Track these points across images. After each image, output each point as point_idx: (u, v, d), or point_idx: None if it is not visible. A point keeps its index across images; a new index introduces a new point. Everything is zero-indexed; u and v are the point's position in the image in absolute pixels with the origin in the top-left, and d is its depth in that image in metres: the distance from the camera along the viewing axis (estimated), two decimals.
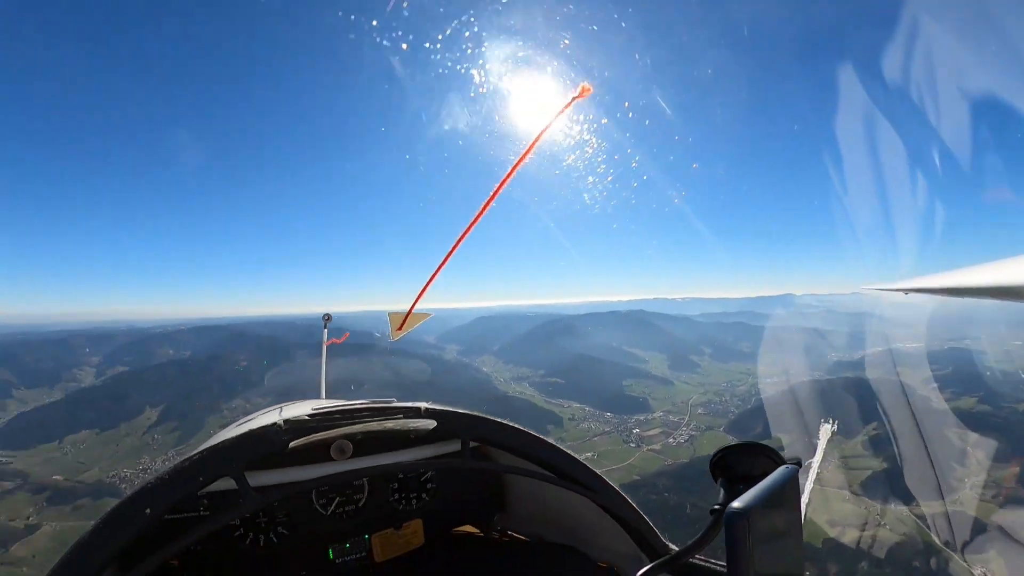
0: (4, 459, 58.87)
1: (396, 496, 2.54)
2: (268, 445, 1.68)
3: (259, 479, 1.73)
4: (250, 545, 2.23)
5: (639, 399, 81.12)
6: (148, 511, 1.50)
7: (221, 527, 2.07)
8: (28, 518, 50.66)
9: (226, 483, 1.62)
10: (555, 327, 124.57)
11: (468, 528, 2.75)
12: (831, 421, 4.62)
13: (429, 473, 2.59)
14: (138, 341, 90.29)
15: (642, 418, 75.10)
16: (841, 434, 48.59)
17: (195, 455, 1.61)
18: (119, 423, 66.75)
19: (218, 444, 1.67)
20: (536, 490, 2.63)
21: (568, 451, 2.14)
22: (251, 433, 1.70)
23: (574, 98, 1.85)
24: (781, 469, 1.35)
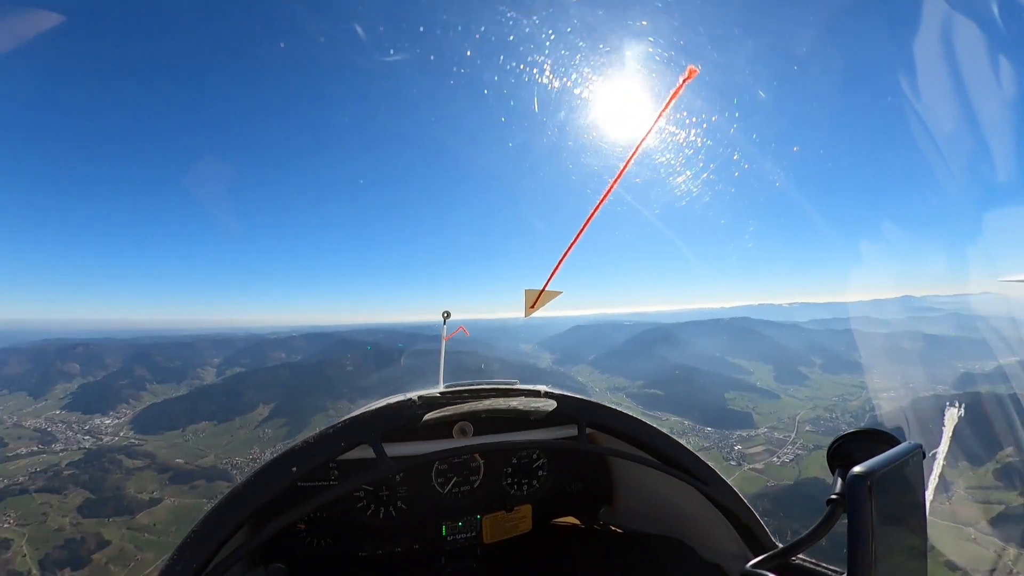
0: (136, 442, 64.36)
1: (509, 480, 2.62)
2: (402, 418, 1.83)
3: (392, 450, 1.79)
4: (371, 516, 2.44)
5: (742, 413, 77.70)
6: (295, 469, 1.64)
7: (349, 494, 2.36)
8: (152, 492, 54.68)
9: (360, 452, 1.78)
10: (654, 336, 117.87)
11: (571, 519, 2.79)
12: (958, 405, 4.34)
13: (541, 461, 2.66)
14: (255, 345, 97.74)
15: (744, 434, 71.91)
16: (968, 460, 42.99)
17: (338, 423, 1.77)
18: (234, 417, 71.78)
19: (359, 415, 1.81)
20: (645, 484, 2.64)
21: (681, 441, 2.14)
22: (388, 406, 1.85)
23: (684, 80, 1.84)
24: (905, 444, 1.28)
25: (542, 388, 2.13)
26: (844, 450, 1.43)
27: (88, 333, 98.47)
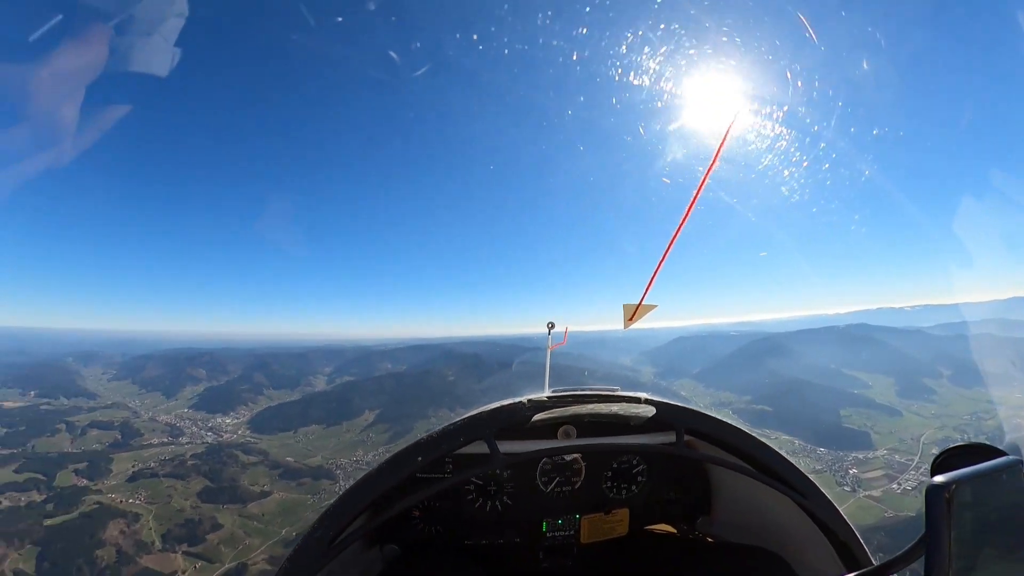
0: (252, 440, 69.82)
1: (608, 484, 2.75)
2: (514, 418, 2.03)
3: (502, 447, 1.99)
4: (478, 509, 2.64)
5: (859, 433, 72.47)
6: (419, 459, 1.88)
7: (461, 486, 2.60)
8: (263, 486, 58.57)
9: (474, 448, 1.99)
10: (762, 347, 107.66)
11: (667, 527, 2.90)
12: None
13: (641, 466, 2.79)
14: (363, 356, 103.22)
15: (861, 456, 66.58)
16: None
17: (457, 421, 2.00)
18: (342, 421, 75.64)
19: (475, 414, 2.03)
20: (743, 495, 2.72)
21: (781, 452, 2.22)
22: (501, 407, 2.05)
23: (730, 127, 2.10)
24: (1002, 458, 1.32)
25: (643, 395, 2.20)
26: (949, 465, 1.36)
27: (214, 343, 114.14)
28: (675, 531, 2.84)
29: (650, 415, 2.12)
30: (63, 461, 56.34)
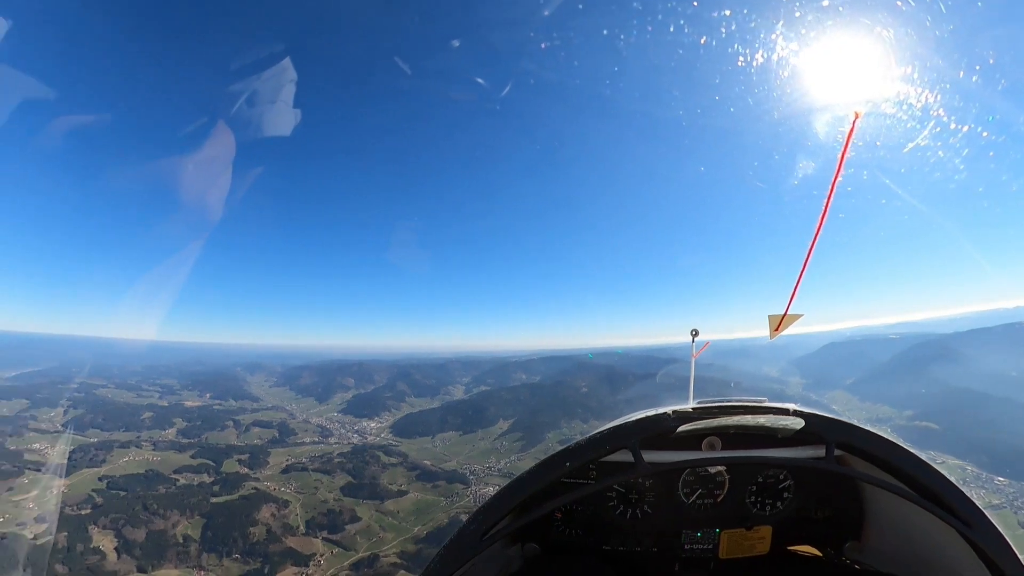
0: (394, 443, 72.84)
1: (752, 499, 2.71)
2: (658, 428, 2.13)
3: (647, 456, 2.06)
4: (619, 515, 2.72)
5: None
6: (568, 464, 2.07)
7: (604, 492, 2.72)
8: (401, 485, 60.54)
9: (619, 456, 2.14)
10: (926, 352, 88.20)
11: (812, 549, 2.78)
12: None
13: (788, 482, 2.72)
14: (499, 367, 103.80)
15: None
16: None
17: (604, 430, 2.15)
18: (477, 429, 76.30)
19: (621, 423, 2.18)
20: (899, 521, 2.53)
21: (947, 474, 2.06)
22: (647, 417, 2.17)
23: (852, 125, 2.18)
24: None
25: (791, 406, 2.12)
26: None
27: (362, 355, 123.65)
28: (820, 554, 2.66)
29: (799, 427, 2.04)
30: (230, 452, 62.77)
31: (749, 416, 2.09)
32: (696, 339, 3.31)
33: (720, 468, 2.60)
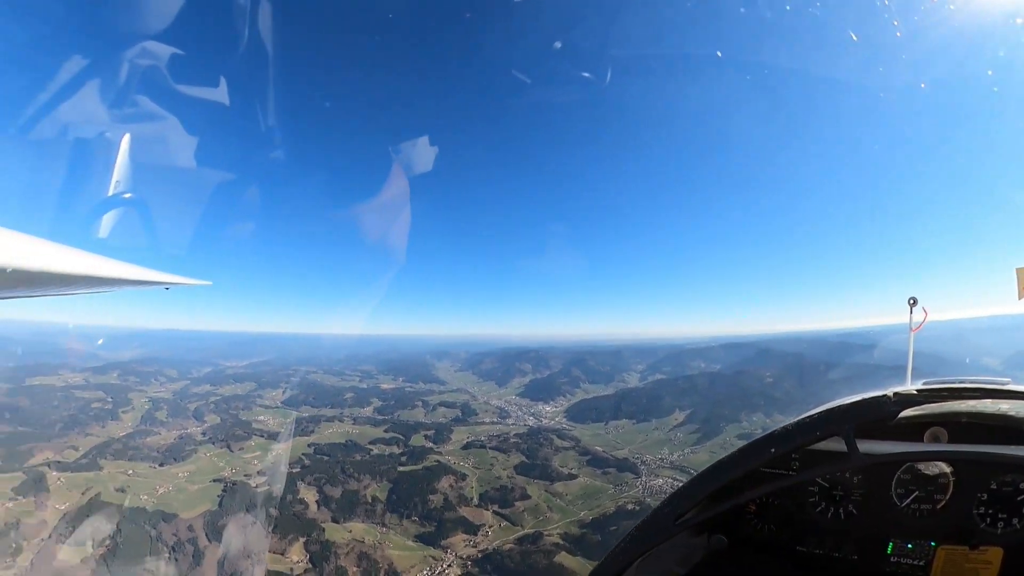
0: (567, 427, 75.18)
1: (982, 510, 2.18)
2: (876, 413, 1.88)
3: (861, 446, 1.84)
4: (819, 513, 2.43)
5: None
6: (773, 450, 1.91)
7: (806, 485, 2.44)
8: (571, 469, 62.56)
9: (828, 444, 1.94)
10: None
11: None
12: None
13: None
14: (675, 355, 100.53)
15: None
16: None
17: (814, 413, 1.96)
18: (651, 418, 74.90)
19: (832, 407, 1.96)
20: None
21: None
22: (863, 400, 1.93)
23: None
24: None
25: None
26: None
27: (539, 343, 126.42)
28: None
29: None
30: (417, 428, 70.71)
31: (988, 401, 1.82)
32: (914, 306, 3.02)
33: (944, 467, 2.19)
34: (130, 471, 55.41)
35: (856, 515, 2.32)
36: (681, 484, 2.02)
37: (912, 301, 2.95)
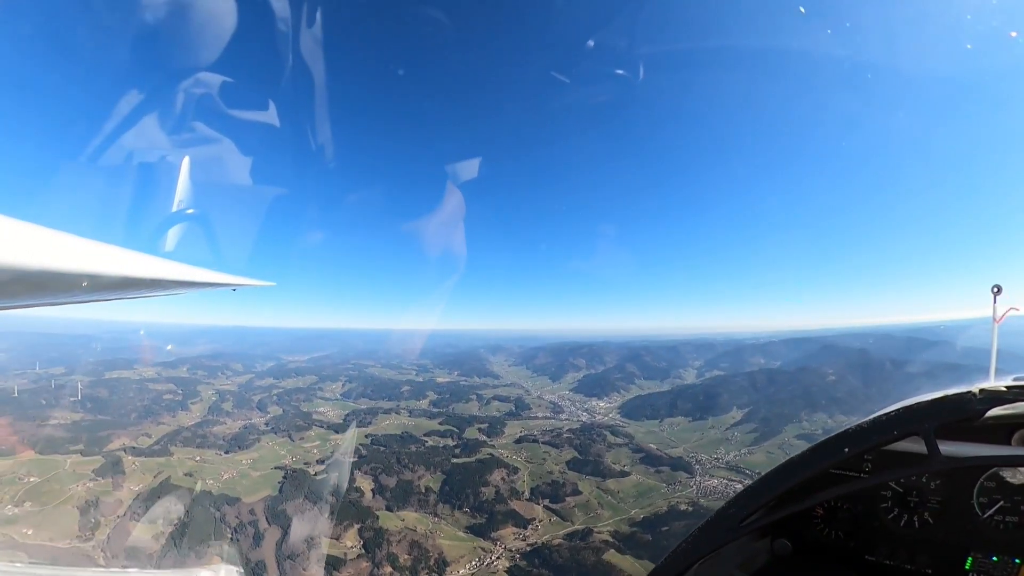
0: (621, 423, 74.31)
1: None
2: (960, 412, 1.73)
3: (942, 448, 1.71)
4: (891, 521, 2.29)
5: None
6: (846, 449, 1.80)
7: (879, 489, 2.32)
8: (624, 466, 61.98)
9: (905, 445, 1.85)
10: None
11: None
12: None
13: None
14: (733, 351, 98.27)
15: None
16: None
17: (891, 411, 1.81)
18: (708, 416, 73.37)
19: (912, 404, 1.82)
20: None
21: None
22: (945, 397, 1.77)
23: None
24: None
25: None
26: None
27: (594, 338, 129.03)
28: None
29: None
30: (471, 421, 71.79)
31: None
32: (999, 295, 2.80)
33: None
34: (198, 457, 58.96)
35: (932, 524, 2.18)
36: (747, 485, 1.95)
37: (996, 289, 2.75)
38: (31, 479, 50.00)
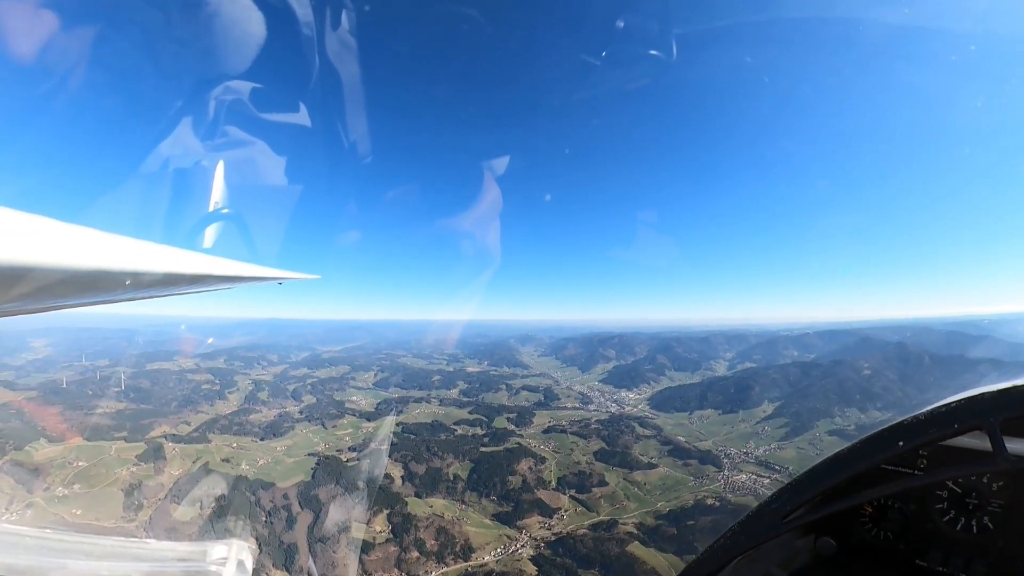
0: (650, 415, 74.47)
1: None
2: None
3: (1010, 445, 1.57)
4: (947, 523, 2.11)
5: None
6: (901, 443, 1.71)
7: (934, 488, 2.13)
8: (651, 458, 62.08)
9: (966, 441, 1.78)
10: None
11: None
12: None
13: None
14: (767, 342, 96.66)
15: None
16: None
17: (951, 402, 1.70)
18: (738, 409, 72.93)
19: (976, 394, 1.67)
20: None
21: None
22: (1015, 388, 1.62)
23: None
24: None
25: None
26: None
27: (624, 328, 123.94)
28: None
29: None
30: (501, 411, 72.87)
31: None
32: None
33: None
34: (235, 444, 61.59)
35: (992, 530, 1.97)
36: (792, 478, 1.86)
37: None
38: (80, 464, 52.94)
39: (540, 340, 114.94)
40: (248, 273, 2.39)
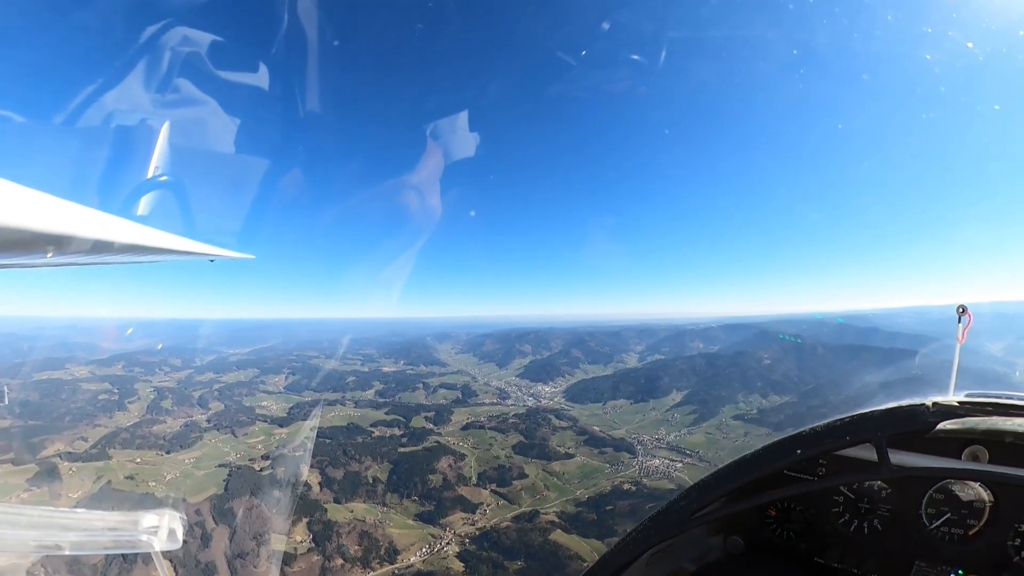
0: (566, 407, 77.51)
1: (1018, 541, 2.04)
2: (911, 423, 1.82)
3: (893, 457, 1.79)
4: (842, 525, 2.37)
5: None
6: (799, 451, 1.90)
7: (831, 493, 2.38)
8: (568, 448, 64.82)
9: (859, 452, 1.94)
10: None
11: None
12: None
13: None
14: (674, 335, 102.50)
15: None
16: None
17: (846, 417, 1.90)
18: (649, 399, 76.87)
19: (868, 412, 1.90)
20: None
21: None
22: (899, 408, 1.86)
23: None
24: None
25: None
26: None
27: (540, 324, 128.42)
28: None
29: None
30: (418, 410, 73.10)
31: None
32: (963, 315, 2.84)
33: (981, 490, 2.09)
34: (138, 459, 58.31)
35: (881, 531, 2.24)
36: (699, 479, 2.03)
37: (961, 310, 2.79)
38: None
39: (457, 337, 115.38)
40: (180, 247, 2.37)
